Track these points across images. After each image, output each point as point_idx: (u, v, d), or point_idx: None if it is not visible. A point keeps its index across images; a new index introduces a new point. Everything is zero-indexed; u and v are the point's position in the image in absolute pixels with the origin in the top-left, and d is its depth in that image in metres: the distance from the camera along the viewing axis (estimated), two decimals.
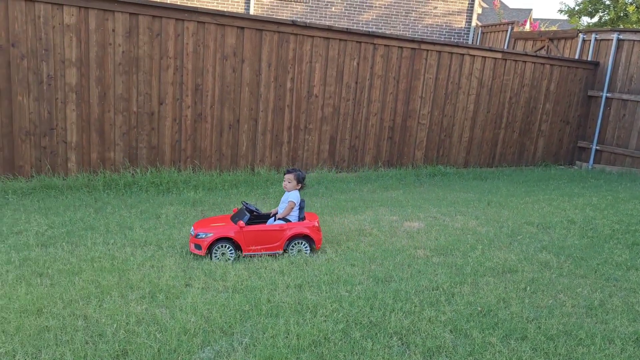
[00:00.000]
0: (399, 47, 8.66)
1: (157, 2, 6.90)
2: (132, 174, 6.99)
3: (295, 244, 4.59)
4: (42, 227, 4.96)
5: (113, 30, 6.64)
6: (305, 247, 4.62)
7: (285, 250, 4.59)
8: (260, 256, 4.51)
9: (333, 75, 8.22)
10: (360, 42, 8.32)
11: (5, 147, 6.36)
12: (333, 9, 15.07)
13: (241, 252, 4.47)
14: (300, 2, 14.97)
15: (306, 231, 4.60)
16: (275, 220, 4.72)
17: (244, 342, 3.03)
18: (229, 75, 7.44)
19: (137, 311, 3.34)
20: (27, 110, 6.39)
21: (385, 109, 8.80)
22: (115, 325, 3.14)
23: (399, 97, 8.87)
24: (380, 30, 14.88)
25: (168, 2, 11.79)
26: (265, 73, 7.68)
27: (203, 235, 4.39)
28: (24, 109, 6.37)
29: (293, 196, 4.70)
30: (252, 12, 14.62)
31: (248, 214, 4.63)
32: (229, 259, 4.40)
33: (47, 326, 3.10)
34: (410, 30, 15.36)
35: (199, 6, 8.30)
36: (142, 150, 7.11)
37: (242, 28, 7.39)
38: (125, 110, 6.90)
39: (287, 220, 4.68)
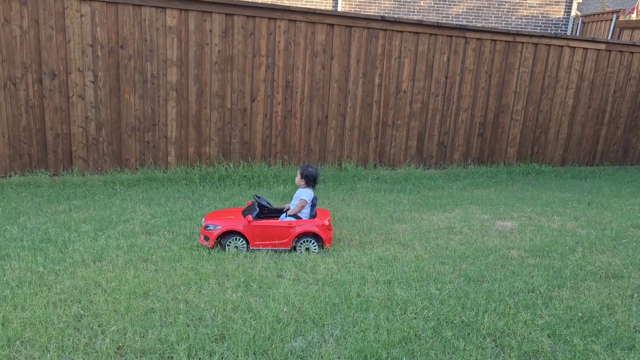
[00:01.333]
0: (492, 40, 8.35)
1: (251, 2, 7.15)
2: (226, 168, 7.30)
3: (303, 242, 4.50)
4: (146, 216, 5.32)
5: (210, 31, 6.96)
6: (314, 246, 4.50)
7: (293, 248, 4.52)
8: (275, 251, 4.48)
9: (422, 71, 8.08)
10: (451, 36, 8.11)
11: (114, 141, 6.88)
12: (422, 3, 14.80)
13: (248, 246, 4.49)
14: None
15: (315, 229, 4.48)
16: (286, 216, 4.65)
17: (334, 334, 3.08)
18: (318, 72, 7.56)
19: (233, 298, 3.50)
20: (133, 107, 6.86)
21: (476, 104, 8.53)
22: (213, 311, 3.31)
23: (491, 92, 8.56)
24: (471, 24, 14.42)
25: (259, 1, 12.16)
26: (353, 69, 7.71)
27: (212, 228, 4.42)
28: (130, 106, 6.85)
29: (305, 194, 4.61)
30: (340, 9, 14.71)
31: (257, 209, 4.63)
32: (242, 251, 4.42)
33: (152, 308, 3.33)
34: (503, 22, 14.74)
35: (290, 5, 8.49)
36: (235, 145, 7.40)
37: (332, 25, 7.47)
38: (220, 107, 7.22)
39: (297, 217, 4.59)
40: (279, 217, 4.69)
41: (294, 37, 7.33)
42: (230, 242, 4.42)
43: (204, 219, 4.57)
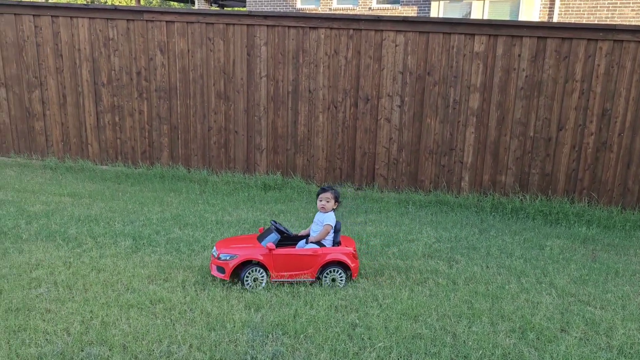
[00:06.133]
0: None
1: (569, 23, 6.58)
2: (521, 200, 6.86)
3: (329, 272, 4.05)
4: (431, 239, 5.40)
5: (519, 55, 6.67)
6: (341, 276, 4.08)
7: (318, 279, 4.05)
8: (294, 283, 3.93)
9: None
10: None
11: (412, 162, 7.23)
12: None
13: (268, 277, 3.98)
14: None
15: (343, 258, 4.06)
16: (307, 243, 4.16)
17: None
18: None
19: (505, 344, 3.24)
20: (433, 131, 7.08)
21: None
22: (480, 352, 3.13)
23: None
24: None
25: (575, 22, 11.13)
26: None
27: (227, 258, 3.94)
28: (430, 130, 7.09)
29: (329, 218, 4.12)
30: None
31: (278, 235, 4.07)
32: (260, 285, 3.92)
33: (420, 333, 3.34)
34: None
35: (616, 23, 7.49)
36: (534, 177, 6.89)
37: None
38: (522, 134, 6.83)
39: (321, 245, 4.12)
40: (295, 244, 4.22)
41: (619, 59, 6.41)
42: (249, 274, 3.94)
43: (215, 247, 4.11)
